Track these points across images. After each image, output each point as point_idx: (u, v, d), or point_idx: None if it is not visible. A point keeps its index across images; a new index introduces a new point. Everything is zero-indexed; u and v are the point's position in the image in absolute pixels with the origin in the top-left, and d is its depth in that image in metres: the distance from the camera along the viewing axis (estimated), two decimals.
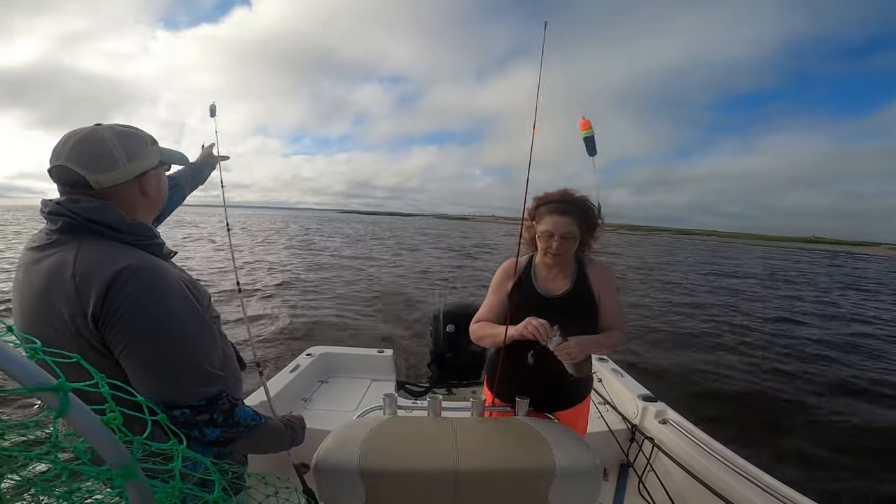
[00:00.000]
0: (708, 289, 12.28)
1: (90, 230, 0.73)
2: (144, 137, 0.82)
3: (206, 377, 0.75)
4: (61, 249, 0.72)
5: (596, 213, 1.36)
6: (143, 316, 0.69)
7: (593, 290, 1.35)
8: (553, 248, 1.29)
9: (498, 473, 1.02)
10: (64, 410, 0.31)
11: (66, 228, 0.73)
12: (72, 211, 0.72)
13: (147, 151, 0.81)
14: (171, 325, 0.72)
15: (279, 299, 8.24)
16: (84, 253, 0.71)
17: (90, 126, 0.77)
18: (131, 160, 0.77)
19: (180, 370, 0.72)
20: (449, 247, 25.30)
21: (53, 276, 0.70)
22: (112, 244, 0.74)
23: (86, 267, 0.69)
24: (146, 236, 0.79)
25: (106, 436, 0.35)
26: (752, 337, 6.86)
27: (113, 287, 0.68)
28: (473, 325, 1.43)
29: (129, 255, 0.73)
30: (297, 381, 2.46)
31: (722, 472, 1.63)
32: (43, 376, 0.31)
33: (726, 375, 4.92)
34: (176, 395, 0.71)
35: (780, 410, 4.06)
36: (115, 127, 0.79)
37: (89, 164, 0.73)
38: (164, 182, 0.89)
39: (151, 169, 0.83)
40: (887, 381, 5.03)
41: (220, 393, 0.76)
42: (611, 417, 2.21)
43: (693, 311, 8.72)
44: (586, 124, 1.41)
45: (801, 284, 16.09)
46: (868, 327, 8.53)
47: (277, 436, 0.92)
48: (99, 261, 0.70)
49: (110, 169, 0.75)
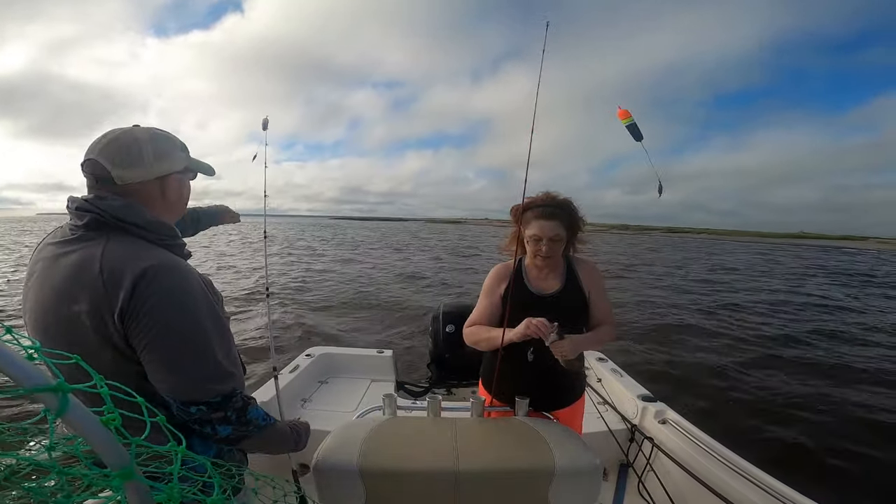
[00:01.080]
0: (707, 287, 12.29)
1: (116, 227, 0.76)
2: (176, 142, 0.85)
3: (222, 374, 0.77)
4: (88, 245, 0.74)
5: (580, 216, 1.40)
6: (168, 314, 0.71)
7: (583, 288, 1.40)
8: (542, 251, 1.33)
9: (498, 473, 1.02)
10: (62, 411, 0.31)
11: (92, 225, 0.75)
12: (99, 208, 0.74)
13: (175, 155, 0.84)
14: (192, 324, 0.74)
15: (279, 299, 8.24)
16: (111, 249, 0.73)
17: (129, 126, 0.81)
18: (157, 160, 0.80)
19: (199, 368, 0.74)
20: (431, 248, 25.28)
21: (80, 270, 0.71)
22: (137, 241, 0.76)
23: (113, 263, 0.71)
24: (168, 235, 0.81)
25: (105, 437, 0.35)
26: (753, 335, 6.87)
27: (140, 284, 0.69)
28: (467, 330, 1.44)
29: (153, 254, 0.75)
30: (297, 382, 2.46)
31: (722, 471, 1.63)
32: (42, 377, 0.31)
33: (726, 374, 4.92)
34: (194, 392, 0.73)
35: (781, 410, 4.07)
36: (152, 129, 0.83)
37: (117, 159, 0.76)
38: (186, 188, 0.90)
39: (176, 173, 0.85)
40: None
41: (234, 390, 0.79)
42: (610, 417, 2.21)
43: (693, 310, 8.73)
44: (625, 114, 1.42)
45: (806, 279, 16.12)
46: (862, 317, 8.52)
47: (283, 438, 0.94)
48: (126, 257, 0.72)
49: (135, 165, 0.77)
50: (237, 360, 0.87)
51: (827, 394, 4.46)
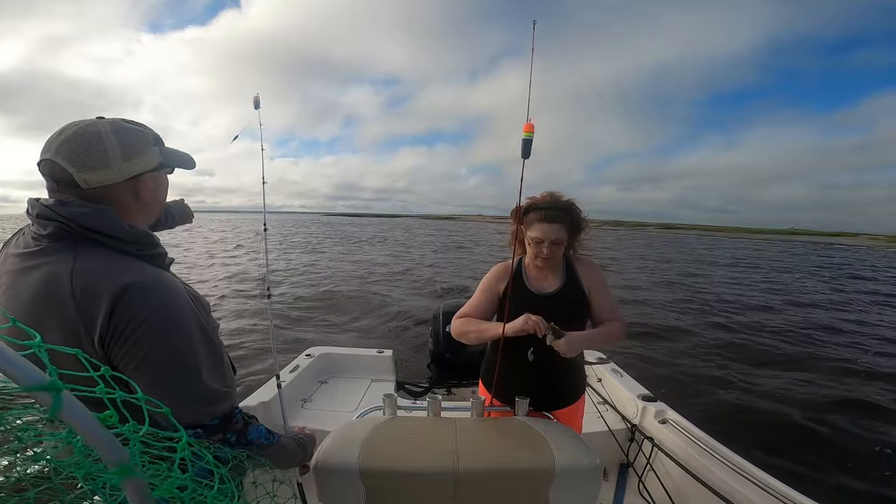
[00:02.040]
0: (706, 285, 12.28)
1: (85, 238, 0.67)
2: (147, 135, 0.75)
3: (216, 395, 0.72)
4: (53, 260, 0.66)
5: (582, 217, 1.40)
6: (154, 336, 0.65)
7: (583, 287, 1.40)
8: (544, 253, 1.33)
9: (498, 473, 1.01)
10: (56, 409, 0.31)
11: (57, 235, 0.67)
12: (62, 216, 0.65)
13: (147, 151, 0.74)
14: (182, 345, 0.69)
15: (278, 300, 8.23)
16: (82, 265, 0.65)
17: (90, 119, 0.71)
18: (127, 159, 0.70)
19: (192, 390, 0.69)
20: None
21: (48, 291, 0.64)
22: (111, 254, 0.68)
23: (86, 282, 0.63)
24: (148, 244, 0.73)
25: (101, 433, 0.34)
26: (753, 332, 6.86)
27: (119, 305, 0.63)
28: (457, 321, 1.43)
29: (132, 269, 0.68)
30: (297, 382, 2.46)
31: (722, 471, 1.63)
32: (37, 375, 0.31)
33: (726, 373, 4.92)
34: (189, 416, 0.67)
35: (781, 408, 4.06)
36: (116, 122, 0.72)
37: (79, 160, 0.66)
38: (162, 186, 0.81)
39: (150, 171, 0.75)
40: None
41: (233, 410, 0.75)
42: (610, 417, 2.21)
43: (690, 309, 8.72)
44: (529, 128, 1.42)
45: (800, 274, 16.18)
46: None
47: (288, 455, 0.92)
48: (100, 275, 0.65)
49: (101, 167, 0.67)
50: (230, 373, 0.82)
51: (828, 392, 4.46)
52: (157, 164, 0.77)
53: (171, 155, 0.81)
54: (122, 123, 0.73)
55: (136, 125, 0.75)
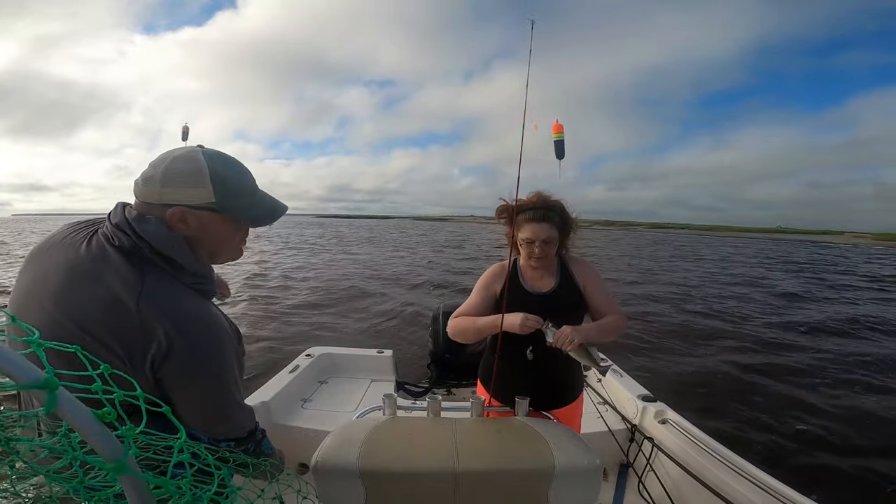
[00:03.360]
0: (705, 284, 12.28)
1: (151, 262, 0.70)
2: (197, 170, 0.72)
3: (248, 414, 0.84)
4: (122, 274, 0.68)
5: (571, 216, 1.41)
6: (204, 366, 0.72)
7: (578, 285, 1.42)
8: (535, 253, 1.34)
9: (498, 474, 1.01)
10: (52, 406, 0.31)
11: (128, 250, 0.69)
12: (138, 235, 0.69)
13: (188, 185, 0.72)
14: (225, 374, 0.76)
15: (278, 299, 8.23)
16: (150, 288, 0.68)
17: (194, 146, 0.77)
18: (165, 185, 0.71)
19: (232, 412, 0.79)
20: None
21: (114, 302, 0.66)
22: (172, 280, 0.72)
23: (152, 306, 0.67)
24: (205, 280, 0.78)
25: (98, 430, 0.34)
26: (752, 332, 6.86)
27: (177, 336, 0.67)
28: (453, 320, 1.44)
29: (189, 300, 0.73)
30: (297, 382, 2.45)
31: (722, 471, 1.63)
32: (33, 372, 0.30)
33: (726, 374, 4.92)
34: (230, 432, 0.80)
35: (782, 408, 4.06)
36: (196, 151, 0.75)
37: (145, 172, 0.73)
38: (209, 227, 0.76)
39: (187, 205, 0.73)
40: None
41: (256, 425, 0.87)
42: (610, 417, 2.21)
43: (690, 308, 8.72)
44: (558, 128, 1.43)
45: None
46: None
47: (276, 467, 0.98)
48: (164, 300, 0.69)
49: (149, 183, 0.72)
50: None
51: (830, 390, 4.46)
52: (205, 203, 0.73)
53: (237, 201, 0.77)
54: (198, 153, 0.74)
55: (208, 158, 0.74)
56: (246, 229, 0.83)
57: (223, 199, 0.74)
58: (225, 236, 0.79)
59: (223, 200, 0.74)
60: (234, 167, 0.78)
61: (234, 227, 0.80)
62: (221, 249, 0.81)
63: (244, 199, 0.79)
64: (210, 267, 0.81)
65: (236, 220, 0.79)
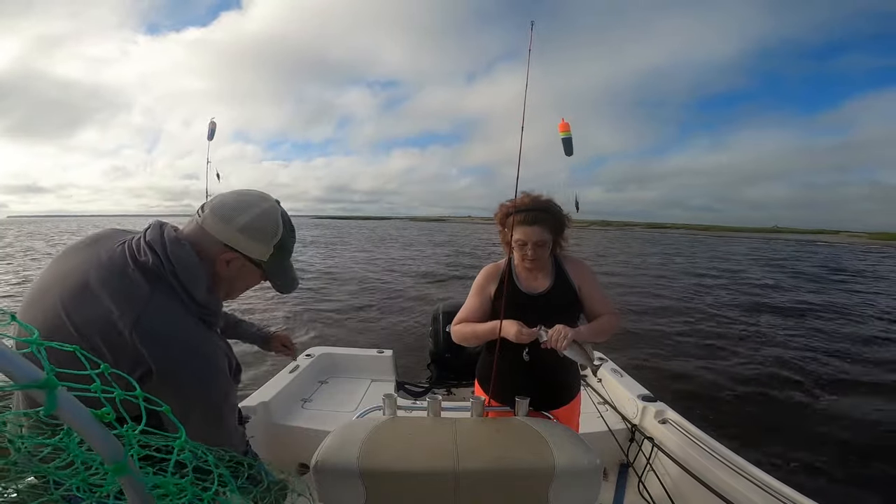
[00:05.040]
0: (705, 283, 12.28)
1: (168, 282, 0.71)
2: (274, 234, 0.79)
3: (237, 440, 0.84)
4: (132, 288, 0.69)
5: (564, 215, 1.40)
6: (191, 390, 0.71)
7: (573, 285, 1.41)
8: (528, 255, 1.34)
9: (498, 473, 1.01)
10: (52, 407, 0.31)
11: (148, 268, 0.71)
12: (167, 256, 0.71)
13: (257, 240, 0.78)
14: (215, 401, 0.75)
15: (277, 299, 8.23)
16: (154, 306, 0.69)
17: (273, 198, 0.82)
18: (241, 231, 0.76)
19: (220, 439, 0.75)
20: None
21: (111, 316, 0.66)
22: (179, 306, 0.72)
23: (148, 323, 0.67)
24: (213, 314, 0.79)
25: (97, 430, 0.34)
26: (752, 332, 6.86)
27: (167, 356, 0.67)
28: (455, 327, 1.44)
29: (189, 327, 0.73)
30: (297, 382, 2.45)
31: (722, 471, 1.63)
32: (32, 372, 0.30)
33: (726, 372, 4.92)
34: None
35: (782, 408, 4.06)
36: (276, 209, 0.81)
37: (223, 205, 0.77)
38: (243, 278, 0.83)
39: (244, 256, 0.78)
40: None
41: (248, 450, 0.87)
42: (610, 417, 2.21)
43: (689, 308, 8.72)
44: (565, 126, 1.43)
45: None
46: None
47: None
48: (161, 324, 0.69)
49: (223, 220, 0.76)
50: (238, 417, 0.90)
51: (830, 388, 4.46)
52: (256, 258, 0.80)
53: (279, 265, 0.84)
54: (274, 212, 0.80)
55: (277, 221, 0.80)
56: (259, 283, 0.88)
57: (272, 262, 0.82)
58: (248, 285, 0.86)
59: (271, 263, 0.82)
60: (293, 236, 0.86)
61: (258, 280, 0.86)
62: (235, 293, 0.86)
63: (283, 267, 0.86)
64: (220, 303, 0.82)
65: (265, 277, 0.85)
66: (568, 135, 1.35)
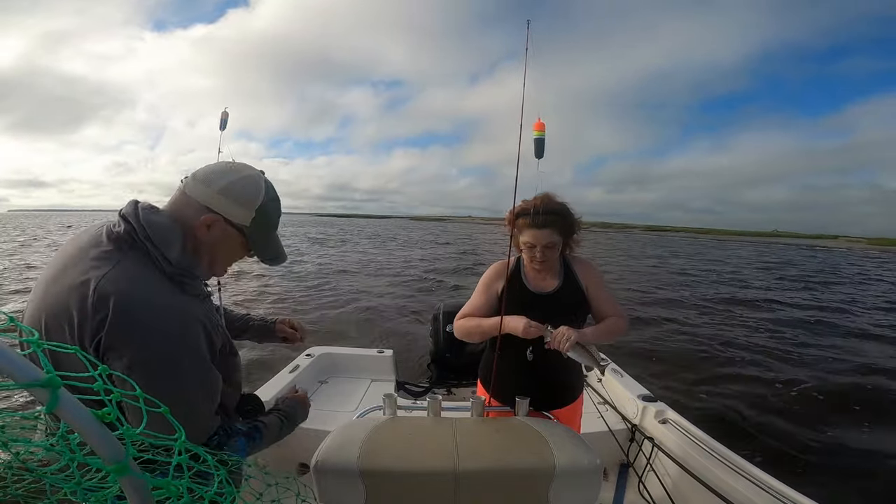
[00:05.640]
0: (704, 283, 12.28)
1: (143, 247, 0.70)
2: (256, 200, 0.79)
3: (203, 422, 0.74)
4: (99, 261, 0.68)
5: (575, 219, 1.38)
6: (146, 352, 0.66)
7: (581, 286, 1.41)
8: (537, 258, 1.33)
9: (498, 473, 1.01)
10: (53, 406, 0.31)
11: (120, 238, 0.70)
12: (136, 220, 0.71)
13: (239, 205, 0.78)
14: (172, 370, 0.68)
15: (278, 299, 8.23)
16: (115, 273, 0.67)
17: (257, 171, 0.83)
18: (222, 193, 0.76)
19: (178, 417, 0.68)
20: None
21: (79, 286, 0.65)
22: (151, 270, 0.71)
23: (107, 289, 0.65)
24: (186, 274, 0.75)
25: (99, 431, 0.34)
26: (753, 333, 6.86)
27: (121, 315, 0.64)
28: (459, 321, 1.43)
29: (156, 287, 0.70)
30: (297, 382, 2.45)
31: (722, 471, 1.63)
32: (34, 371, 0.30)
33: (725, 372, 4.91)
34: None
35: (782, 407, 4.06)
36: (259, 177, 0.82)
37: (207, 171, 0.78)
38: (225, 243, 0.81)
39: (225, 219, 0.77)
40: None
41: (221, 429, 0.78)
42: (610, 417, 2.21)
43: (688, 307, 8.72)
44: (540, 126, 1.41)
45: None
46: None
47: (276, 436, 0.95)
48: (124, 285, 0.66)
49: (205, 183, 0.76)
50: (216, 397, 0.79)
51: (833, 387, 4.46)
52: (238, 223, 0.79)
53: (262, 235, 0.84)
54: (255, 178, 0.81)
55: (261, 188, 0.81)
56: (244, 256, 0.87)
57: (255, 227, 0.81)
58: (231, 254, 0.85)
59: (253, 228, 0.81)
60: (278, 206, 0.85)
61: (242, 251, 0.85)
62: (219, 263, 0.85)
63: (267, 236, 0.85)
64: (199, 268, 0.79)
65: (249, 247, 0.85)
66: (541, 135, 1.32)
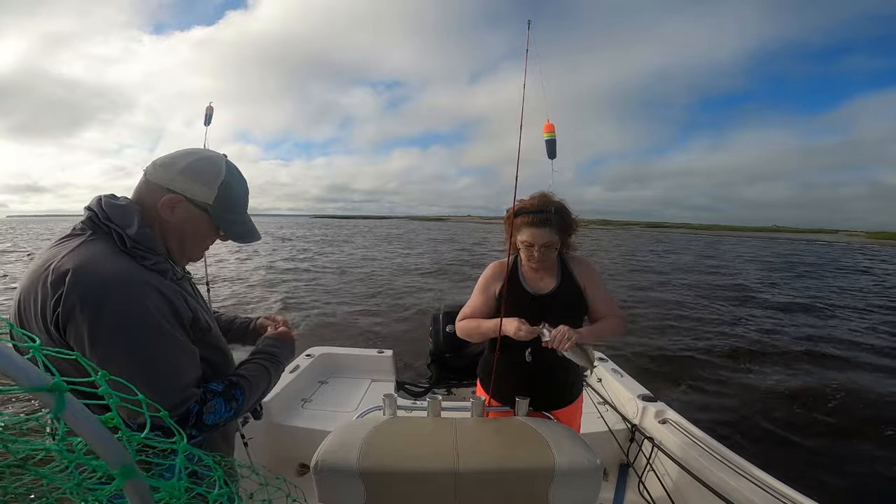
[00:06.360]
0: (705, 284, 12.28)
1: (105, 231, 0.73)
2: (215, 173, 0.79)
3: (169, 398, 0.69)
4: (62, 244, 0.70)
5: (573, 218, 1.39)
6: (102, 323, 0.64)
7: (579, 285, 1.41)
8: (535, 257, 1.34)
9: (498, 473, 1.01)
10: (59, 410, 0.31)
11: (84, 226, 0.73)
12: (98, 207, 0.74)
13: (199, 182, 0.78)
14: (127, 340, 0.66)
15: (277, 299, 8.23)
16: (74, 253, 0.67)
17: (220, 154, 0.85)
18: (181, 173, 0.77)
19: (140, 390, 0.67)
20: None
21: (39, 271, 0.67)
22: (110, 248, 0.71)
23: (63, 266, 0.65)
24: (144, 248, 0.73)
25: (104, 435, 0.35)
26: (753, 333, 6.86)
27: (70, 290, 0.63)
28: (459, 323, 1.44)
29: (108, 260, 0.68)
30: (297, 382, 2.46)
31: (722, 471, 1.63)
32: (40, 376, 0.31)
33: (725, 372, 4.92)
34: (134, 415, 0.62)
35: (781, 407, 4.07)
36: (228, 161, 0.83)
37: (166, 157, 0.79)
38: (190, 223, 0.80)
39: (188, 199, 0.77)
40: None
41: (188, 412, 0.71)
42: (610, 417, 2.21)
43: (688, 307, 8.72)
44: (550, 128, 1.42)
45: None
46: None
47: (265, 385, 0.89)
48: (79, 261, 0.66)
49: (164, 167, 0.78)
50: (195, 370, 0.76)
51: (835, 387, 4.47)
52: (201, 201, 0.79)
53: (228, 213, 0.83)
54: (219, 160, 0.82)
55: (220, 167, 0.82)
56: (216, 237, 0.87)
57: (218, 205, 0.81)
58: (199, 235, 0.84)
59: (217, 206, 0.81)
60: (243, 185, 0.85)
61: (210, 232, 0.85)
62: (189, 246, 0.85)
63: (233, 214, 0.84)
64: (160, 244, 0.77)
65: (217, 227, 0.84)
66: (552, 136, 1.34)
